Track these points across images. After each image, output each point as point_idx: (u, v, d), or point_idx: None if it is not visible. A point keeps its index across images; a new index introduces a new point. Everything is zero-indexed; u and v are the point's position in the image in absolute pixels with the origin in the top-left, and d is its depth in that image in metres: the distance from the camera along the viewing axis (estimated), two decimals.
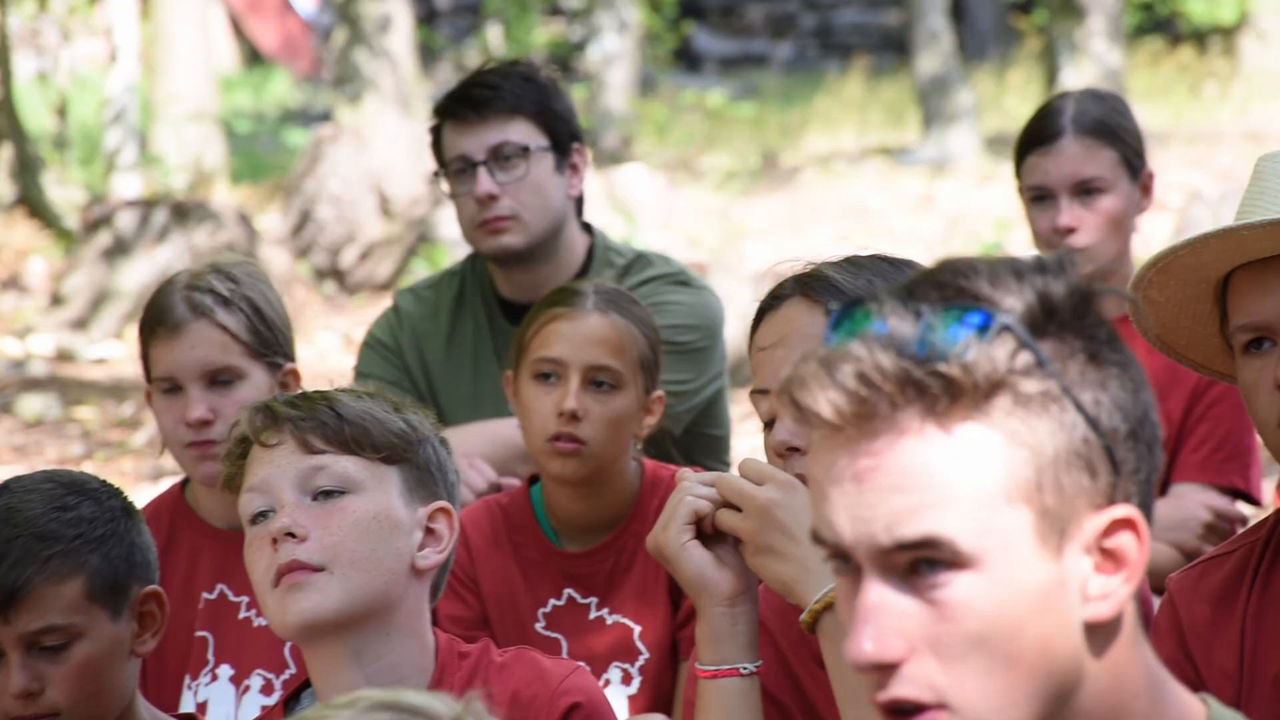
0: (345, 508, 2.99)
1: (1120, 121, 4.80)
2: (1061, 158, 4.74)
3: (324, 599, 2.95)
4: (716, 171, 17.92)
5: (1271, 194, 2.97)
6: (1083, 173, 4.73)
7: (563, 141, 4.87)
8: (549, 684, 3.05)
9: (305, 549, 2.96)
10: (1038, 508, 1.90)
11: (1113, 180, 4.74)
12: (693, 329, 4.91)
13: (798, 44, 27.40)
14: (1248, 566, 3.08)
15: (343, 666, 2.98)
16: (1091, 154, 4.73)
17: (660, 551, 2.93)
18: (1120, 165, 4.76)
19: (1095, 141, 4.74)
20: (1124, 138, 4.77)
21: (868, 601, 1.91)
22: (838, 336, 1.94)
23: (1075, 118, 4.76)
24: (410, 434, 3.07)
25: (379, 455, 3.03)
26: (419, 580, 3.04)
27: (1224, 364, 3.11)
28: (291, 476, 3.00)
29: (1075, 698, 1.94)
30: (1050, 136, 4.76)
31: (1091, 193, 4.73)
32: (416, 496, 3.05)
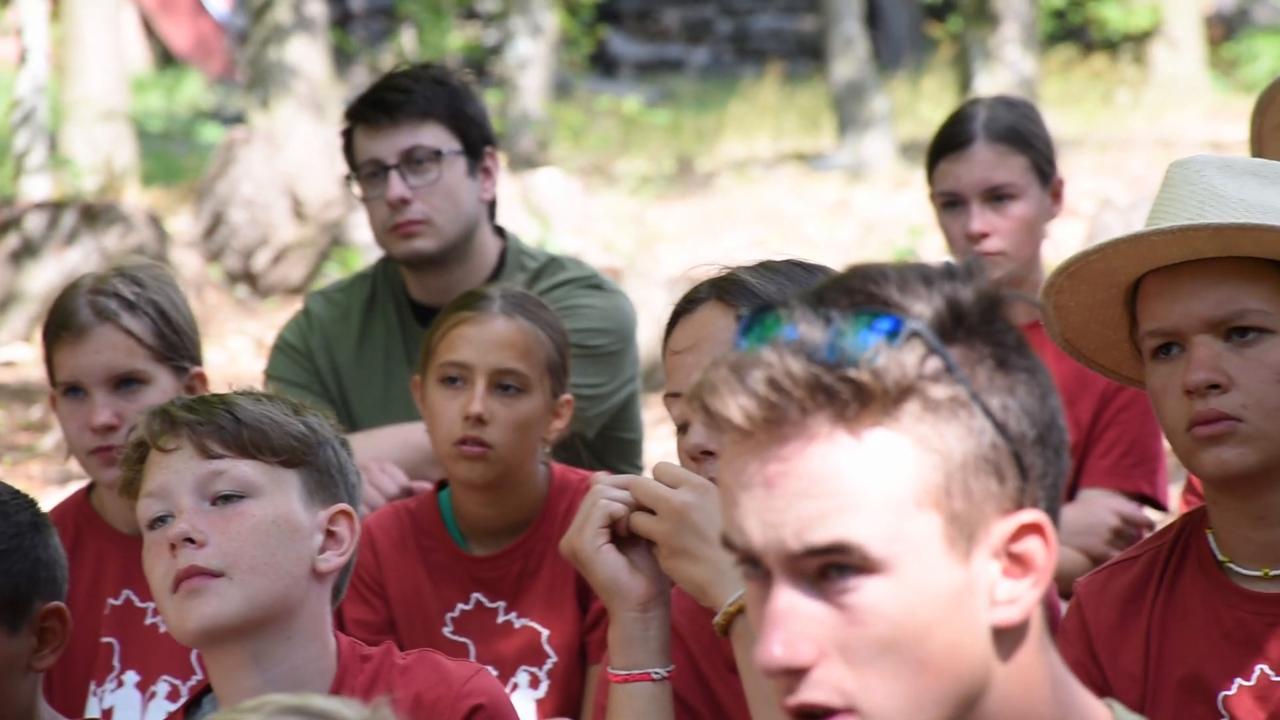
0: (244, 512, 2.97)
1: (1031, 128, 4.81)
2: (973, 164, 4.75)
3: (223, 605, 2.93)
4: (632, 176, 17.93)
5: (1181, 200, 2.99)
6: (994, 179, 4.74)
7: (475, 145, 4.86)
8: (452, 686, 3.04)
9: (204, 554, 2.94)
10: (947, 513, 1.90)
11: (1024, 186, 4.76)
12: (605, 333, 4.91)
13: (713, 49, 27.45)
14: (1154, 571, 3.10)
15: (243, 671, 2.96)
16: (1002, 160, 4.75)
17: (574, 555, 2.93)
18: (1031, 171, 4.77)
19: (1006, 148, 4.75)
20: (1035, 144, 4.79)
21: (777, 606, 1.90)
22: (747, 342, 1.93)
23: (986, 124, 4.77)
24: (310, 437, 3.05)
25: (278, 459, 3.01)
26: (320, 583, 3.03)
27: (1133, 369, 3.12)
28: (189, 482, 2.98)
29: (982, 702, 1.94)
30: (962, 143, 4.77)
31: (1002, 199, 4.74)
32: (317, 499, 3.04)
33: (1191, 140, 17.23)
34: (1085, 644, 3.09)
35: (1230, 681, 2.99)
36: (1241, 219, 2.92)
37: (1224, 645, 3.01)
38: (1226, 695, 2.99)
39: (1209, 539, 3.06)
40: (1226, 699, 2.99)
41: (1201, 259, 2.94)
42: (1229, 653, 3.00)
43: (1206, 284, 2.94)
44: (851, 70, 18.07)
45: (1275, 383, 2.92)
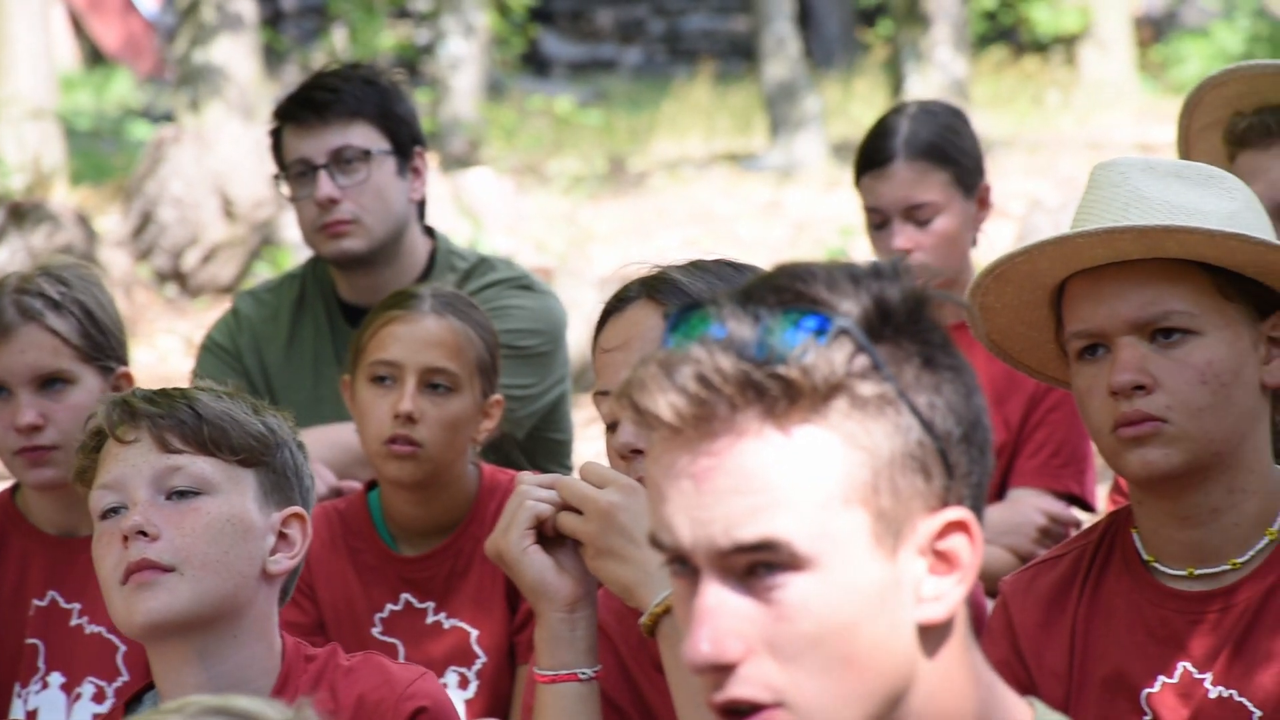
0: (199, 509, 2.97)
1: (953, 141, 4.79)
2: (893, 182, 4.74)
3: (173, 599, 2.93)
4: (564, 176, 17.92)
5: (1106, 202, 3.00)
6: (913, 198, 4.72)
7: (404, 145, 4.85)
8: (395, 688, 3.04)
9: (156, 548, 2.94)
10: (874, 510, 1.91)
11: (945, 202, 4.74)
12: (535, 333, 4.91)
13: (646, 49, 27.45)
14: (1079, 570, 3.11)
15: (188, 668, 2.96)
16: (921, 178, 4.72)
17: (500, 556, 2.92)
18: (952, 186, 4.75)
19: (926, 165, 4.73)
20: (956, 158, 4.76)
21: (705, 603, 1.91)
22: (675, 339, 1.94)
23: (907, 141, 4.75)
24: (269, 438, 3.05)
25: (236, 458, 3.02)
26: (269, 584, 3.03)
27: (1059, 370, 3.14)
28: (146, 475, 2.98)
29: (907, 698, 1.95)
30: (882, 161, 4.76)
31: (924, 216, 4.74)
32: (271, 501, 3.04)
33: (1120, 142, 17.32)
34: (1010, 642, 3.11)
35: (1154, 679, 3.01)
36: (1165, 221, 2.93)
37: (1148, 643, 3.03)
38: (1150, 693, 3.01)
39: (1134, 538, 3.08)
40: (1150, 696, 3.01)
41: (1126, 261, 2.96)
42: (1153, 651, 3.02)
43: (1131, 286, 2.95)
44: (784, 71, 18.10)
45: (1200, 384, 2.94)
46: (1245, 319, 2.97)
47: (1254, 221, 3.00)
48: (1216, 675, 2.98)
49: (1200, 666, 2.99)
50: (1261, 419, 3.01)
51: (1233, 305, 2.97)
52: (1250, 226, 2.97)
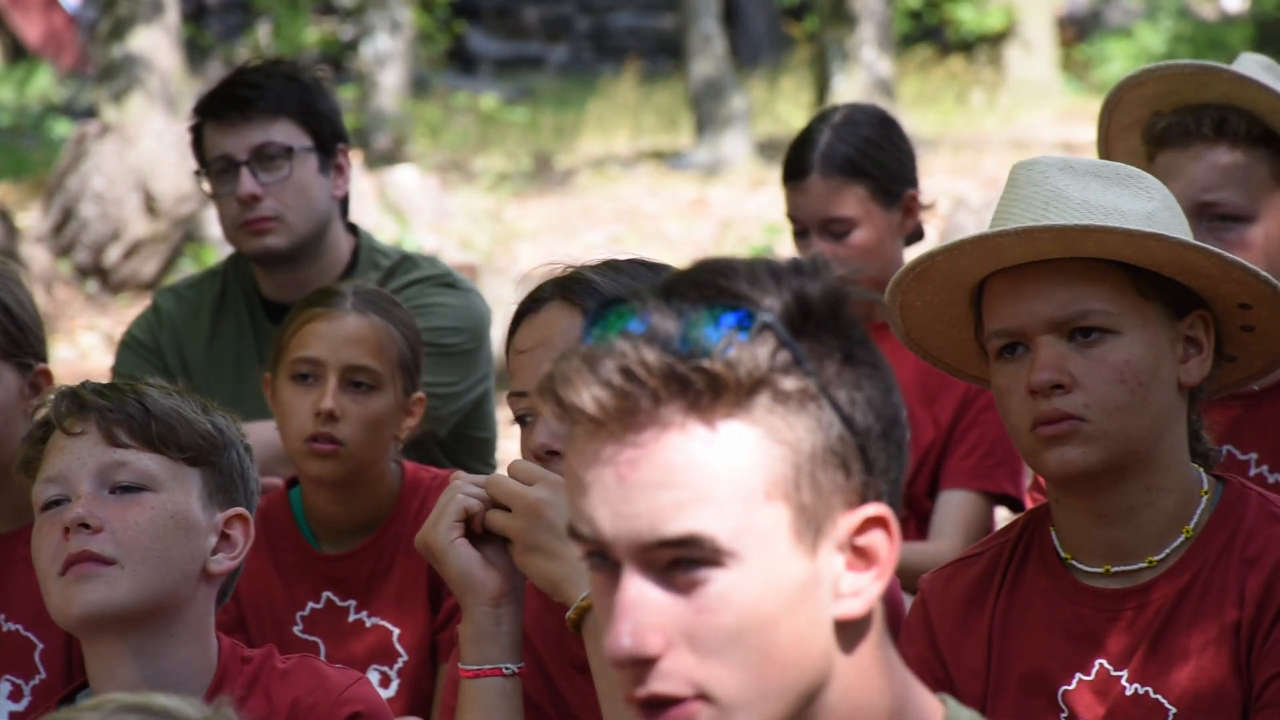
0: (143, 504, 2.98)
1: (872, 153, 4.77)
2: (809, 196, 4.75)
3: (111, 592, 2.94)
4: (489, 173, 17.89)
5: (1026, 201, 3.01)
6: (829, 212, 4.73)
7: (327, 142, 4.84)
8: (330, 692, 3.05)
9: (98, 541, 2.94)
10: (795, 505, 1.91)
11: (862, 216, 4.74)
12: (458, 331, 4.90)
13: (573, 47, 27.43)
14: (997, 567, 3.13)
15: (122, 664, 2.96)
16: (838, 193, 4.73)
17: (429, 548, 2.93)
18: (871, 199, 4.75)
19: (843, 180, 4.73)
20: (873, 172, 4.75)
21: (627, 597, 1.91)
22: (596, 333, 1.94)
23: (824, 154, 4.74)
24: (216, 438, 3.06)
25: (183, 455, 3.02)
26: (209, 584, 3.04)
27: (978, 368, 3.16)
28: (92, 468, 2.99)
29: (823, 693, 1.96)
30: (798, 174, 4.77)
31: (840, 229, 4.75)
32: (215, 501, 3.05)
33: (1044, 141, 17.42)
34: (929, 640, 3.12)
35: (1070, 676, 3.02)
36: (1084, 220, 2.95)
37: (1065, 641, 3.04)
38: (1066, 690, 3.02)
39: (1052, 536, 3.09)
40: (1066, 694, 3.02)
41: (1045, 260, 2.97)
42: (1069, 648, 3.03)
43: (1050, 285, 2.97)
44: (710, 69, 18.12)
45: (1118, 382, 2.95)
46: (1163, 318, 2.99)
47: (1171, 221, 3.02)
48: (1133, 673, 2.99)
49: (1116, 664, 3.00)
50: (1178, 418, 3.03)
51: (1151, 305, 2.98)
52: (1168, 226, 2.99)
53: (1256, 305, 3.03)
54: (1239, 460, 3.89)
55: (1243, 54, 4.03)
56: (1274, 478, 3.88)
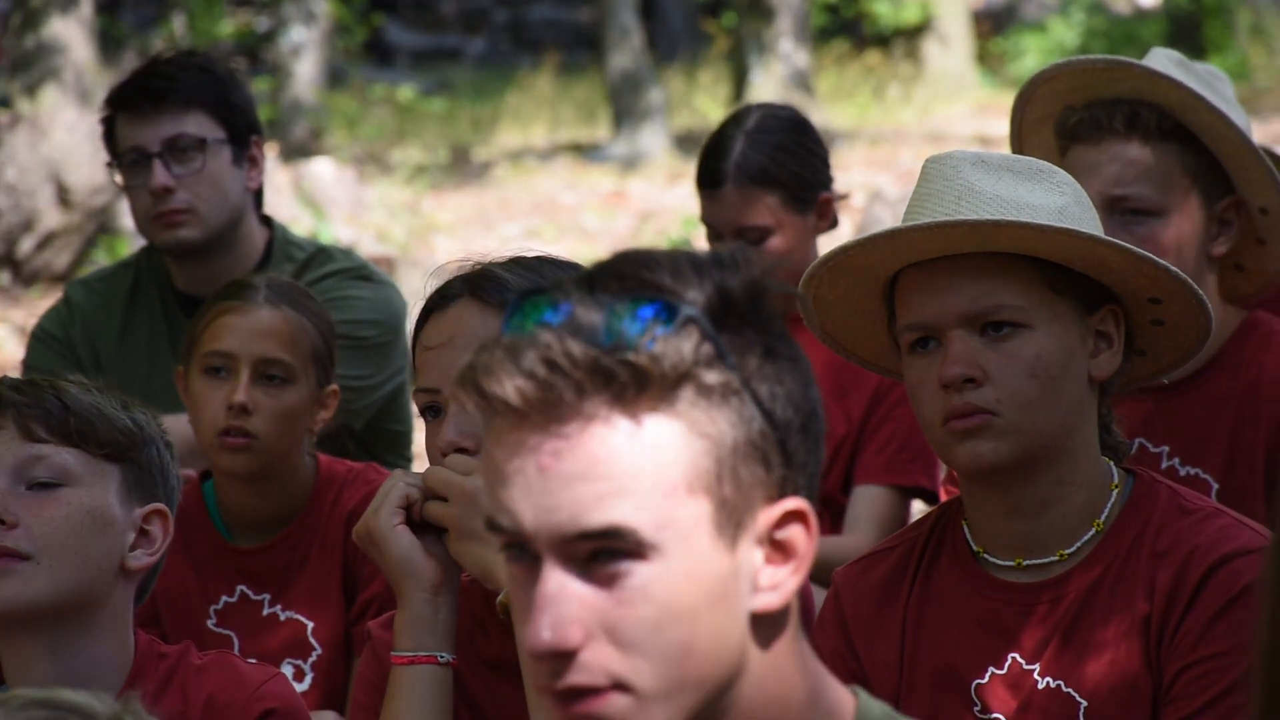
0: (60, 499, 2.97)
1: (786, 163, 4.78)
2: (723, 205, 4.76)
3: (26, 588, 2.93)
4: (407, 166, 17.85)
5: (938, 196, 3.02)
6: (743, 222, 4.74)
7: (241, 134, 4.82)
8: (245, 689, 3.04)
9: (14, 536, 2.94)
10: (716, 499, 1.91)
11: (776, 223, 4.75)
12: (374, 324, 4.90)
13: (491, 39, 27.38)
14: (910, 561, 3.14)
15: (38, 660, 2.96)
16: (751, 203, 4.74)
17: (370, 534, 2.95)
18: (784, 207, 4.76)
19: (756, 189, 4.74)
20: (787, 181, 4.76)
21: (547, 590, 1.90)
22: (516, 323, 1.93)
23: (738, 164, 4.75)
24: (135, 434, 3.05)
25: (101, 451, 3.01)
26: (127, 580, 3.03)
27: (891, 361, 3.17)
28: (8, 463, 2.98)
29: (737, 685, 1.96)
30: (713, 184, 4.78)
31: (754, 237, 4.75)
32: (134, 497, 3.04)
33: (960, 135, 17.50)
34: (842, 633, 3.13)
35: (983, 670, 3.03)
36: (997, 216, 2.96)
37: (977, 634, 3.05)
38: (979, 684, 3.03)
39: (964, 530, 3.11)
40: (979, 688, 3.03)
41: (958, 254, 2.98)
42: (982, 642, 3.04)
43: (963, 279, 2.97)
44: (627, 62, 18.12)
45: (1030, 377, 2.97)
46: (1074, 313, 3.00)
47: (1082, 216, 3.03)
48: (1045, 666, 3.01)
49: (1029, 657, 3.02)
50: (1089, 412, 3.04)
51: (1062, 299, 3.00)
52: (1079, 221, 3.00)
53: (1166, 300, 3.05)
54: (1151, 453, 3.92)
55: (1154, 49, 4.06)
56: (1185, 471, 3.91)
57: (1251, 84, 18.52)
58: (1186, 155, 3.81)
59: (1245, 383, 3.88)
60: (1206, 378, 3.90)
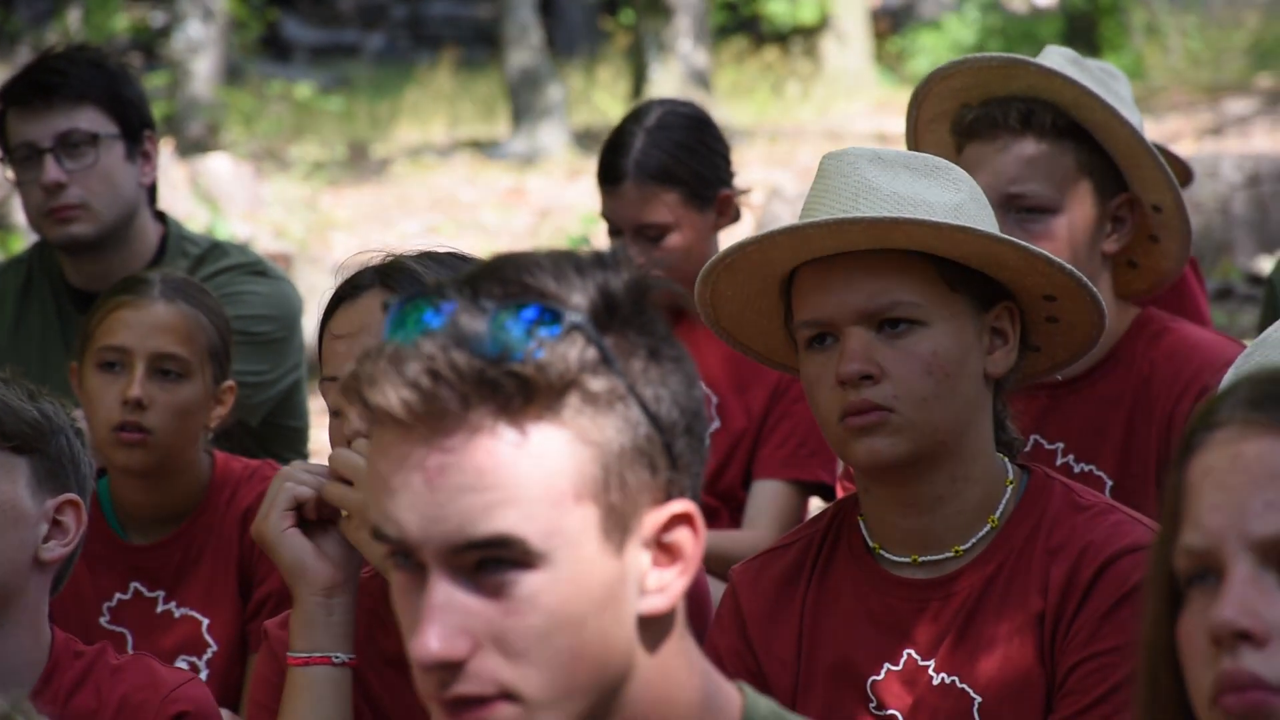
0: None
1: (686, 160, 4.79)
2: (623, 202, 4.77)
3: None
4: (304, 162, 17.76)
5: (835, 192, 3.03)
6: (643, 219, 4.75)
7: (134, 129, 4.79)
8: (159, 690, 3.04)
9: None
10: (604, 505, 1.91)
11: (677, 220, 4.76)
12: (269, 319, 4.88)
13: (389, 35, 27.28)
14: (807, 557, 3.14)
15: None
16: (651, 200, 4.75)
17: (261, 538, 2.94)
18: (684, 205, 4.76)
19: (656, 186, 4.75)
20: (687, 178, 4.77)
21: (435, 600, 1.89)
22: (399, 333, 1.91)
23: (638, 161, 4.76)
24: (43, 424, 3.03)
25: (9, 444, 2.99)
26: (41, 573, 3.02)
27: (788, 357, 3.17)
28: None
29: (625, 688, 1.96)
30: (613, 180, 4.79)
31: (654, 234, 4.76)
32: (45, 488, 3.02)
33: (858, 132, 17.56)
34: (739, 630, 3.13)
35: (879, 667, 3.04)
36: (893, 213, 2.97)
37: (873, 631, 3.06)
38: (875, 680, 3.04)
39: (860, 526, 3.11)
40: (875, 684, 3.04)
41: (854, 251, 2.98)
42: (878, 638, 3.05)
43: (859, 276, 2.98)
44: (526, 59, 18.09)
45: (926, 374, 2.97)
46: (970, 310, 3.02)
47: (978, 213, 3.05)
48: (939, 662, 3.02)
49: (924, 653, 3.03)
50: (984, 408, 3.06)
51: (958, 296, 3.01)
52: (975, 218, 3.02)
53: (1061, 297, 3.07)
54: (1046, 450, 3.94)
55: (1049, 47, 4.08)
56: (1080, 467, 3.93)
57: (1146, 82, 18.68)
58: (1081, 153, 3.83)
59: (1139, 379, 3.91)
60: (1101, 375, 3.93)
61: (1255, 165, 11.76)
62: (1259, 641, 1.89)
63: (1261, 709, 1.88)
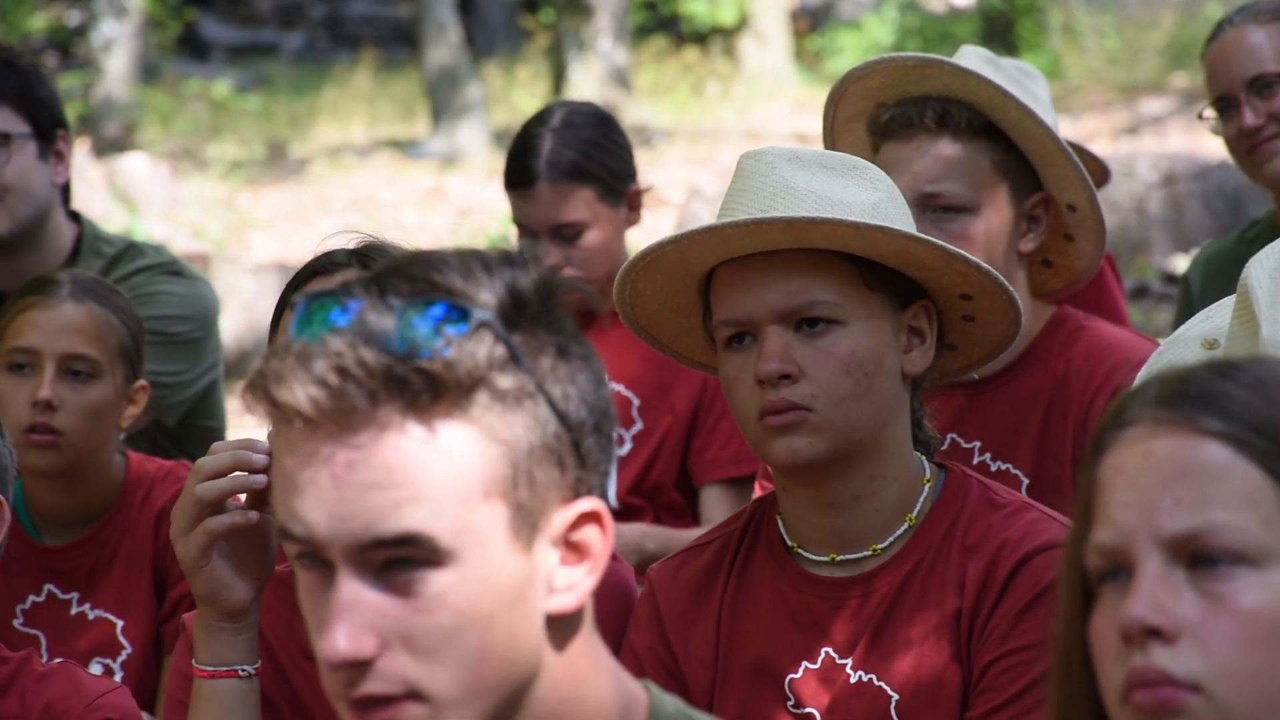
0: None
1: (596, 155, 4.80)
2: (537, 204, 4.77)
3: None
4: (222, 162, 17.68)
5: (753, 192, 3.03)
6: (559, 219, 4.75)
7: (46, 128, 4.76)
8: (84, 698, 3.03)
9: None
10: (512, 503, 1.90)
11: (592, 217, 4.77)
12: (185, 320, 4.85)
13: (308, 34, 27.19)
14: (725, 556, 3.14)
15: None
16: (566, 199, 4.75)
17: (180, 559, 2.88)
18: (599, 200, 4.78)
19: (569, 186, 4.75)
20: (599, 173, 4.78)
21: (342, 599, 1.88)
22: (307, 330, 1.90)
23: (549, 161, 4.76)
24: None
25: None
26: None
27: (707, 356, 3.17)
28: None
29: (533, 687, 1.95)
30: (526, 183, 4.78)
31: (570, 233, 4.77)
32: None
33: (778, 132, 17.61)
34: (658, 629, 3.13)
35: (797, 665, 3.05)
36: (811, 212, 2.97)
37: (791, 629, 3.06)
38: (793, 678, 3.05)
39: (779, 525, 3.12)
40: (793, 682, 3.04)
41: (773, 250, 2.99)
42: (796, 636, 3.06)
43: (777, 275, 2.99)
44: (445, 58, 18.07)
45: (844, 373, 2.98)
46: (887, 309, 3.03)
47: (895, 212, 3.06)
48: (857, 660, 3.02)
49: (841, 651, 3.03)
50: (902, 407, 3.07)
51: (875, 295, 3.02)
52: (892, 217, 3.03)
53: (977, 296, 3.08)
54: (963, 449, 3.95)
55: (964, 46, 4.10)
56: (997, 466, 3.94)
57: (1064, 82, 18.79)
58: (996, 152, 3.85)
59: (1054, 378, 3.93)
60: (1017, 373, 3.94)
61: (1171, 165, 11.85)
62: (1168, 638, 1.90)
63: (1171, 705, 1.90)
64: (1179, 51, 19.51)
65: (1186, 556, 1.92)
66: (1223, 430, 1.93)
